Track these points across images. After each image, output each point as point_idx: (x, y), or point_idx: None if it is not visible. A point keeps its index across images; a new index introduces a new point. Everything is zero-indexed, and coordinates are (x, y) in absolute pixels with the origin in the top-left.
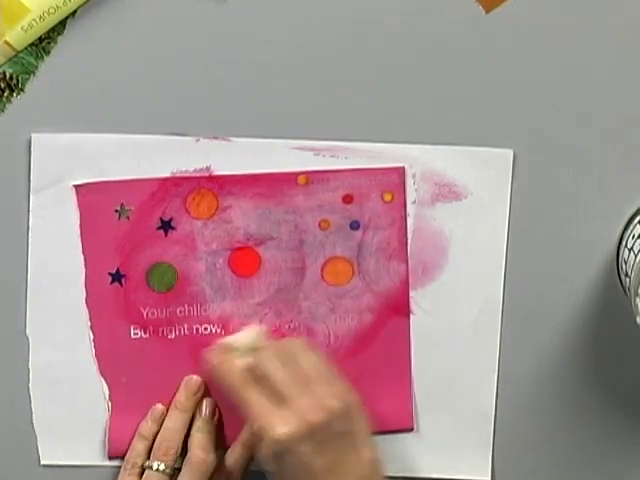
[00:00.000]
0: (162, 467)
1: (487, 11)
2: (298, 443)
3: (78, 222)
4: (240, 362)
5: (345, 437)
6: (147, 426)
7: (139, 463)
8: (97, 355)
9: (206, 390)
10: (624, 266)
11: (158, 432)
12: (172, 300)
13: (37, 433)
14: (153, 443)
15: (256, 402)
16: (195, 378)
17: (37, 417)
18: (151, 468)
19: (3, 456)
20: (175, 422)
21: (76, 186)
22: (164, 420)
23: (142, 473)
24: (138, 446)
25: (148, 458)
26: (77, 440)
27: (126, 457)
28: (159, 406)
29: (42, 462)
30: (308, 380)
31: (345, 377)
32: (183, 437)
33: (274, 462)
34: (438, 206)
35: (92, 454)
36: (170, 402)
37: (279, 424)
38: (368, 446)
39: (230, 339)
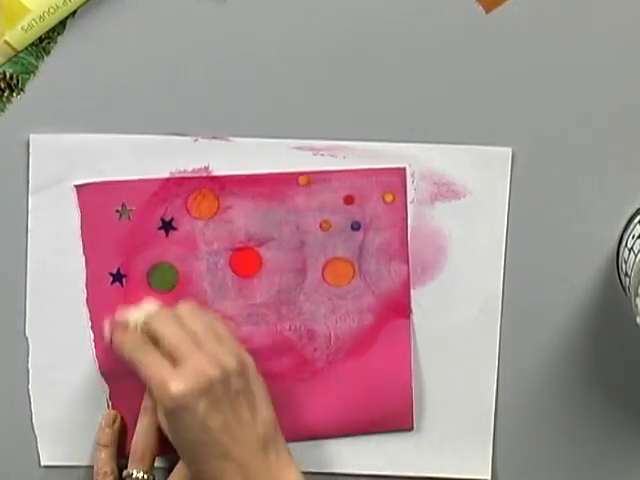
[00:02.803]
0: (141, 474)
1: (487, 11)
2: (194, 400)
3: (79, 222)
4: (132, 326)
5: (241, 395)
6: (104, 433)
7: (109, 471)
8: (97, 355)
9: None
10: (624, 266)
11: (117, 437)
12: (173, 300)
13: (37, 434)
14: (116, 448)
15: (151, 362)
16: None
17: (37, 418)
18: (131, 476)
19: (3, 457)
20: (145, 426)
21: (77, 186)
22: (120, 424)
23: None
24: (101, 455)
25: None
26: (77, 441)
27: (94, 469)
28: (111, 411)
29: (42, 463)
30: (201, 339)
31: (345, 376)
32: (157, 440)
33: (170, 422)
34: (437, 205)
35: (92, 455)
36: None
37: (174, 381)
38: (264, 405)
39: (124, 314)
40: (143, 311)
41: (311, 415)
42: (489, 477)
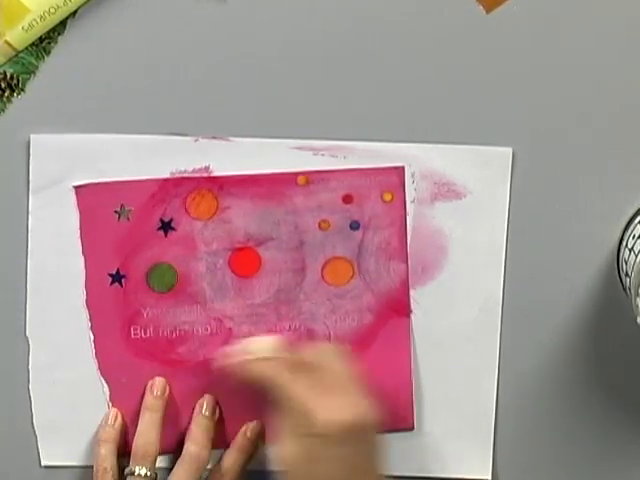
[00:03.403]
0: (143, 471)
1: (487, 11)
2: (340, 437)
3: (78, 223)
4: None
5: (374, 447)
6: (104, 430)
7: (108, 467)
8: (97, 356)
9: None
10: (624, 266)
11: (118, 435)
12: (172, 300)
13: (37, 434)
14: (116, 446)
15: (302, 389)
16: (159, 379)
17: (37, 418)
18: (133, 474)
19: (3, 457)
20: (147, 424)
21: (76, 187)
22: (122, 423)
23: (120, 478)
24: (100, 451)
25: (127, 462)
26: (78, 441)
27: (94, 466)
28: (112, 409)
29: (42, 463)
30: (345, 385)
31: None
32: (159, 437)
33: (301, 455)
34: (437, 205)
35: (92, 455)
36: (171, 402)
37: (332, 410)
38: (382, 464)
39: (248, 342)
40: (268, 344)
41: None
42: (489, 477)
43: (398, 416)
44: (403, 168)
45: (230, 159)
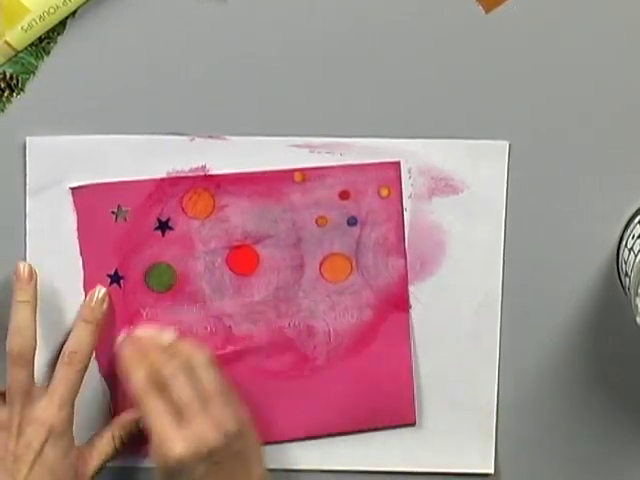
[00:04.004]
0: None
1: (487, 11)
2: (192, 464)
3: (75, 224)
4: (144, 364)
5: (238, 456)
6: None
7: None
8: (97, 356)
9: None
10: (624, 266)
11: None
12: (171, 300)
13: None
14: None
15: (157, 413)
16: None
17: None
18: None
19: None
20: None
21: (72, 188)
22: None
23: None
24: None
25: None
26: (78, 441)
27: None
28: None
29: None
30: (210, 399)
31: (345, 372)
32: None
33: (164, 477)
34: (435, 200)
35: None
36: None
37: (176, 442)
38: (258, 463)
39: (145, 332)
40: (161, 339)
41: (312, 412)
42: (492, 471)
43: (399, 412)
44: (399, 163)
45: (226, 158)
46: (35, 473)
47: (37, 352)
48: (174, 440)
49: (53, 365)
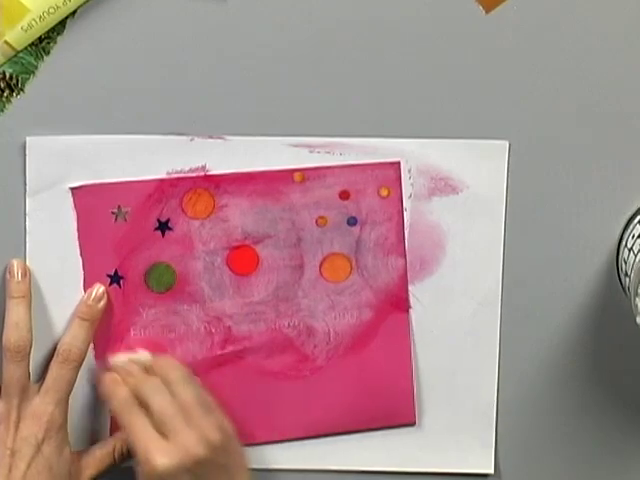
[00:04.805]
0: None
1: (487, 11)
2: (177, 476)
3: (75, 225)
4: (123, 387)
5: (222, 469)
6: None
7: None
8: (97, 357)
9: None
10: (624, 266)
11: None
12: (171, 300)
13: None
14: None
15: (139, 428)
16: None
17: None
18: None
19: None
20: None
21: (72, 189)
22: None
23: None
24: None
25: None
26: (77, 440)
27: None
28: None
29: None
30: (190, 411)
31: (345, 373)
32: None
33: None
34: (434, 200)
35: None
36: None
37: (160, 455)
38: (243, 475)
39: (117, 359)
40: (137, 360)
41: (312, 412)
42: (492, 471)
43: (399, 411)
44: (399, 163)
45: (226, 158)
46: (33, 469)
47: (35, 351)
48: (158, 453)
49: (49, 363)
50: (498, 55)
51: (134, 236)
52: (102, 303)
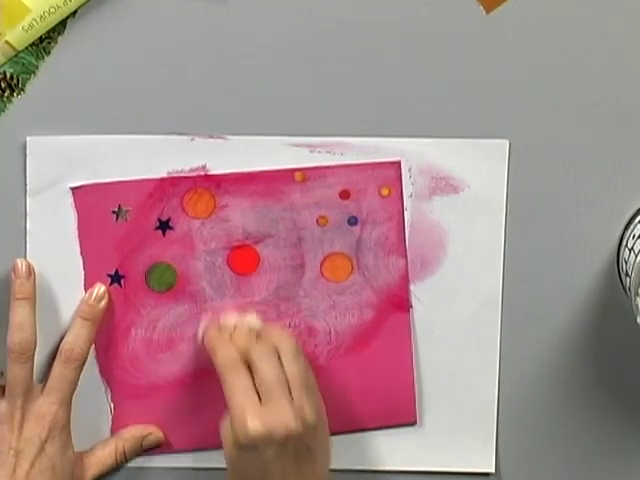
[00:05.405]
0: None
1: (487, 11)
2: (265, 444)
3: (76, 224)
4: (231, 345)
5: (308, 451)
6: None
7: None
8: (98, 357)
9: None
10: (624, 266)
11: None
12: (172, 300)
13: None
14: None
15: (240, 389)
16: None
17: None
18: None
19: None
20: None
21: (73, 188)
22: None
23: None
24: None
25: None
26: (77, 440)
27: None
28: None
29: None
30: (294, 386)
31: (346, 372)
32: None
33: (234, 451)
34: (435, 199)
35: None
36: (173, 402)
37: (256, 420)
38: (324, 465)
39: (227, 318)
40: (249, 321)
41: None
42: (493, 470)
43: (400, 411)
44: (399, 163)
45: (227, 157)
46: (36, 468)
47: (37, 351)
48: (253, 416)
49: (52, 363)
50: (498, 55)
51: (135, 236)
52: (103, 302)
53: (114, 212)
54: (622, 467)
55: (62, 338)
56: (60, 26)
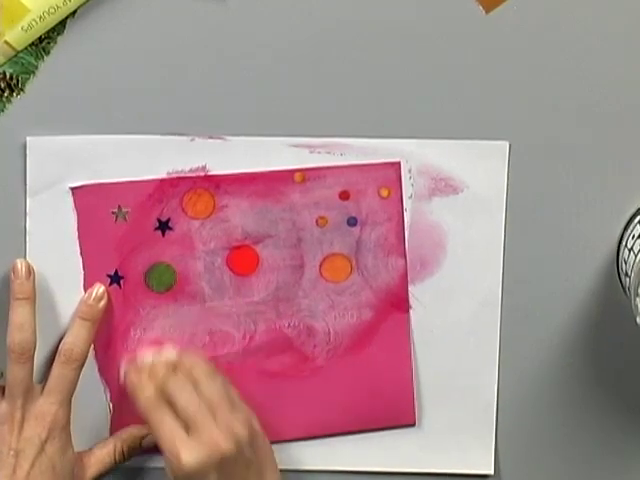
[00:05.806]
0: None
1: (487, 11)
2: (205, 472)
3: (76, 224)
4: (150, 385)
5: (249, 465)
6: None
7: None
8: (97, 357)
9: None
10: (624, 266)
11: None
12: (171, 300)
13: None
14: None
15: (166, 426)
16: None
17: None
18: None
19: None
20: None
21: (73, 188)
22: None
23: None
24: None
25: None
26: (77, 440)
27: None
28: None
29: None
30: (216, 407)
31: (345, 373)
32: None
33: None
34: (435, 200)
35: None
36: None
37: (187, 452)
38: (271, 470)
39: (142, 357)
40: (162, 358)
41: (312, 413)
42: (492, 472)
43: (399, 412)
44: (399, 163)
45: (226, 158)
46: (36, 468)
47: (37, 351)
48: (185, 450)
49: (52, 363)
50: (498, 55)
51: (134, 236)
52: (103, 303)
53: (114, 212)
54: (622, 467)
55: (62, 338)
56: (60, 26)
